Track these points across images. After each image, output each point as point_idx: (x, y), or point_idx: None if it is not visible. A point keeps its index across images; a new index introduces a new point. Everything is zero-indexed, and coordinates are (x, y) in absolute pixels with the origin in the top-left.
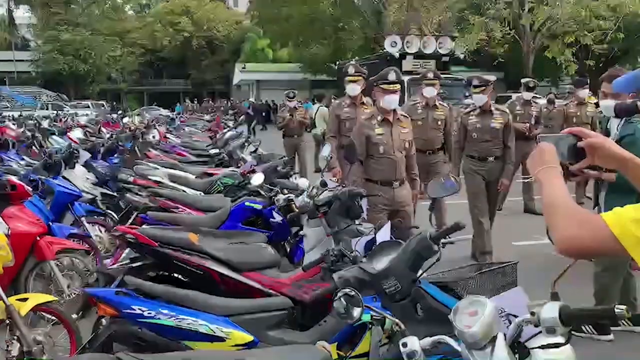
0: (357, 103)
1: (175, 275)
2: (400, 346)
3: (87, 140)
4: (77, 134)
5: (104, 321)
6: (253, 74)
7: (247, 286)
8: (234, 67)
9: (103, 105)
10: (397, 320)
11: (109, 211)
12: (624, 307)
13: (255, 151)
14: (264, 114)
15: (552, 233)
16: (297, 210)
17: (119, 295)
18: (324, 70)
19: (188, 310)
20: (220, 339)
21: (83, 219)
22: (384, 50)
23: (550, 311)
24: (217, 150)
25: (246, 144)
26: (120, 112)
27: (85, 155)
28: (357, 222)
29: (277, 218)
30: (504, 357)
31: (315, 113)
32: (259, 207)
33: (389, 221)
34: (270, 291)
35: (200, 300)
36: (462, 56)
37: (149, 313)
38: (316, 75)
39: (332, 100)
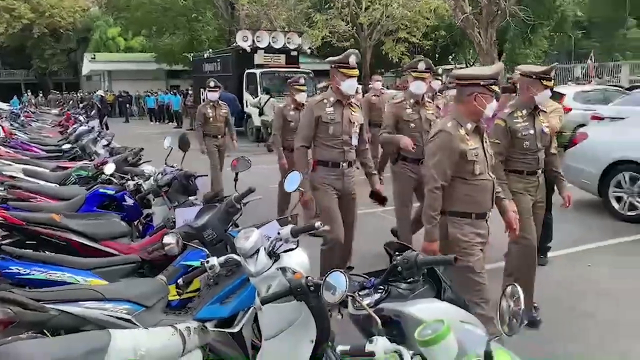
0: (345, 102)
1: (42, 251)
2: (205, 263)
3: None
4: None
5: None
6: (104, 64)
7: (104, 252)
8: (82, 57)
9: None
10: (213, 257)
11: None
12: (319, 222)
13: (108, 145)
14: (128, 105)
15: None
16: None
17: None
18: (180, 60)
19: (56, 266)
20: None
21: None
22: (237, 44)
23: (286, 230)
24: (69, 145)
25: (99, 138)
26: None
27: None
28: (192, 197)
29: (129, 201)
30: (263, 261)
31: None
32: (111, 192)
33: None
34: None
35: (65, 259)
36: (309, 51)
37: (24, 271)
38: (172, 65)
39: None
